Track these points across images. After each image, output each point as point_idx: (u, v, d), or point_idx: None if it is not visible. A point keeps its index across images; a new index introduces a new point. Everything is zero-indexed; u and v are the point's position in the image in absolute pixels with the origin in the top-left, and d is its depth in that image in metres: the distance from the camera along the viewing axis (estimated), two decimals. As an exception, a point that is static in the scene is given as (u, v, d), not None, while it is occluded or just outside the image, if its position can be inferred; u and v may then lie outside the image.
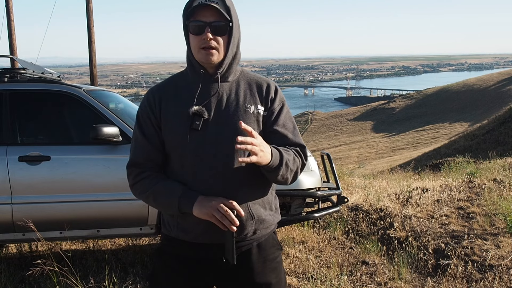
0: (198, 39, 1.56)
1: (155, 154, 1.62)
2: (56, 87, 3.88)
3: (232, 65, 1.63)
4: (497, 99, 58.20)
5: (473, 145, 20.00)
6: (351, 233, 4.87)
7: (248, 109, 1.59)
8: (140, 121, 1.65)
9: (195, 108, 1.56)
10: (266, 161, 1.46)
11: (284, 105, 1.67)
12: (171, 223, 1.65)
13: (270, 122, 1.62)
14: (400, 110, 69.42)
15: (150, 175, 1.61)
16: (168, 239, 1.68)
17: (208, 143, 1.56)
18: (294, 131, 1.66)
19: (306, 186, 3.96)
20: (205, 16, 1.55)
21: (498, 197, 5.41)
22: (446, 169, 9.54)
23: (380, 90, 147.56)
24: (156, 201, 1.59)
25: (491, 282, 3.52)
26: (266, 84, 1.67)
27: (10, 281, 3.60)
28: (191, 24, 1.56)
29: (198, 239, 1.59)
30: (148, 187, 1.59)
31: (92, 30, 13.74)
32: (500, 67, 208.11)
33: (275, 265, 1.68)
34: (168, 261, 1.66)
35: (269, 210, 1.67)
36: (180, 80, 1.67)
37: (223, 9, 1.55)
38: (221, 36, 1.56)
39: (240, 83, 1.65)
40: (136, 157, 1.63)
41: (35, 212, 3.55)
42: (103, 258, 4.03)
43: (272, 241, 1.70)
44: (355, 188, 7.02)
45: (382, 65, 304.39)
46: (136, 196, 1.65)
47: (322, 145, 52.58)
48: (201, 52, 1.57)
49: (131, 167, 1.64)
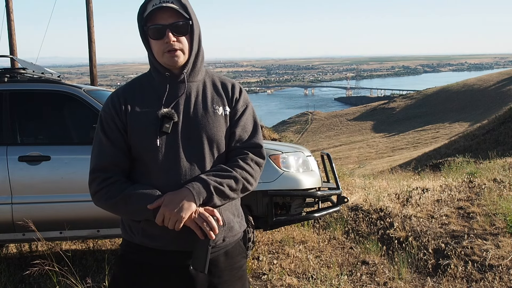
0: (161, 43, 1.52)
1: (121, 158, 1.54)
2: (56, 87, 3.88)
3: (196, 63, 1.60)
4: (497, 99, 58.23)
5: (473, 145, 20.02)
6: (351, 233, 4.87)
7: (217, 110, 1.58)
8: (103, 124, 1.56)
9: (165, 111, 1.52)
10: (190, 209, 1.43)
11: (247, 106, 1.65)
12: (134, 229, 1.56)
13: (232, 123, 1.60)
14: (400, 110, 69.44)
15: (118, 180, 1.52)
16: (130, 245, 1.58)
17: (178, 146, 1.52)
18: (253, 132, 1.63)
19: (306, 186, 3.96)
20: (163, 18, 1.50)
21: (498, 197, 5.41)
22: (446, 169, 9.54)
23: (380, 90, 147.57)
24: (127, 207, 1.49)
25: (491, 282, 3.52)
26: (231, 84, 1.65)
27: (10, 281, 3.60)
28: (151, 29, 1.51)
29: (168, 246, 1.52)
30: (117, 193, 1.49)
31: (92, 30, 13.74)
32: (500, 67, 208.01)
33: (241, 273, 1.64)
34: (131, 269, 1.58)
35: (237, 217, 1.65)
36: (145, 82, 1.62)
37: (180, 8, 1.51)
38: (183, 36, 1.53)
39: (206, 83, 1.62)
40: (101, 161, 1.53)
41: (35, 212, 3.55)
42: (103, 258, 4.03)
43: (239, 248, 1.66)
44: (355, 188, 7.02)
45: (382, 65, 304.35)
46: (100, 203, 1.54)
47: (322, 145, 52.59)
48: (165, 56, 1.53)
49: (95, 173, 1.53)
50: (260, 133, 1.65)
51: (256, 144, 1.61)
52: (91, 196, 1.55)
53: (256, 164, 1.59)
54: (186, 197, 1.44)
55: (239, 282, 1.62)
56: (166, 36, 1.50)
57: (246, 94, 1.68)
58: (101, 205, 1.55)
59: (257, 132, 1.63)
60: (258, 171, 1.60)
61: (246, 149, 1.59)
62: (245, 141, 1.60)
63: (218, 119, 1.57)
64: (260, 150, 1.61)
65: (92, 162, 1.56)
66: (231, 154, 1.59)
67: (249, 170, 1.56)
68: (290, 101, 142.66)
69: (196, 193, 1.45)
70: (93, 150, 1.58)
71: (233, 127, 1.60)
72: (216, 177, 1.50)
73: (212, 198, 1.47)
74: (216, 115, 1.57)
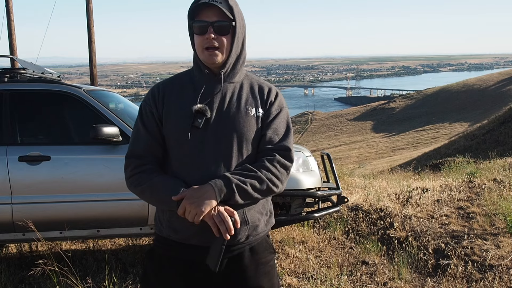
0: (202, 39, 1.56)
1: (155, 147, 1.61)
2: (56, 87, 3.88)
3: (236, 65, 1.63)
4: (497, 99, 58.20)
5: (473, 145, 20.02)
6: (351, 233, 4.87)
7: (249, 111, 1.60)
8: (142, 114, 1.65)
9: (198, 106, 1.56)
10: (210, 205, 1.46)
11: (282, 110, 1.67)
12: (162, 221, 1.63)
13: (265, 125, 1.63)
14: (400, 110, 69.41)
15: (149, 169, 1.59)
16: (159, 239, 1.66)
17: (208, 142, 1.56)
18: (285, 136, 1.65)
19: (306, 186, 3.96)
20: (208, 16, 1.55)
21: (498, 197, 5.41)
22: (446, 169, 9.54)
23: (380, 90, 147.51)
24: (153, 195, 1.56)
25: (491, 282, 3.52)
26: (268, 88, 1.68)
27: (10, 281, 3.60)
28: (195, 24, 1.57)
29: (190, 240, 1.57)
30: (146, 180, 1.56)
31: (92, 30, 13.74)
32: (500, 67, 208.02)
33: (268, 269, 1.66)
34: (160, 263, 1.64)
35: (265, 215, 1.67)
36: (186, 78, 1.68)
37: (226, 8, 1.55)
38: (224, 36, 1.57)
39: (244, 85, 1.65)
40: (136, 148, 1.62)
41: (35, 212, 3.55)
42: (103, 258, 4.03)
43: (266, 244, 1.68)
44: (355, 188, 7.02)
45: (382, 65, 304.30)
46: (131, 188, 1.61)
47: (322, 145, 52.57)
48: (204, 53, 1.57)
49: (130, 158, 1.62)
50: (291, 137, 1.67)
51: (285, 147, 1.63)
52: (126, 180, 1.63)
53: (283, 167, 1.60)
54: (207, 193, 1.48)
55: (265, 278, 1.64)
56: (207, 33, 1.55)
57: (283, 99, 1.71)
58: (132, 190, 1.62)
59: (289, 136, 1.65)
60: (285, 173, 1.61)
61: (274, 151, 1.61)
62: (275, 143, 1.62)
63: (249, 119, 1.60)
64: (289, 153, 1.63)
65: (128, 148, 1.65)
66: (259, 156, 1.61)
67: (275, 171, 1.57)
68: (290, 101, 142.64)
69: (218, 189, 1.48)
70: (131, 136, 1.67)
71: (264, 129, 1.62)
72: (240, 176, 1.52)
73: (233, 196, 1.50)
74: (247, 116, 1.60)
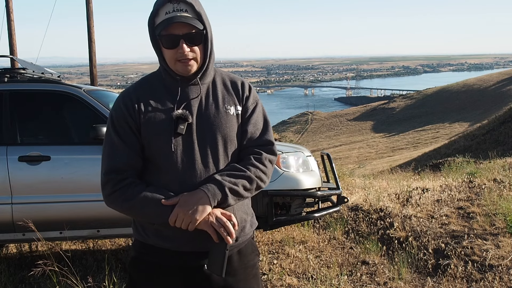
0: (173, 52, 1.49)
1: (136, 159, 1.52)
2: (56, 87, 3.88)
3: (208, 66, 1.59)
4: (497, 99, 58.21)
5: (473, 145, 20.02)
6: (351, 233, 4.87)
7: (229, 110, 1.58)
8: (115, 125, 1.53)
9: (179, 112, 1.51)
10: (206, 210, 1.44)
11: (257, 104, 1.65)
12: (147, 230, 1.55)
13: (243, 121, 1.61)
14: (400, 110, 69.43)
15: (133, 182, 1.49)
16: (144, 246, 1.57)
17: (194, 147, 1.52)
18: (264, 129, 1.63)
19: (306, 186, 3.96)
20: (177, 28, 1.47)
21: (498, 197, 5.40)
22: (446, 169, 9.54)
23: (380, 90, 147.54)
24: (143, 210, 1.46)
25: (491, 282, 3.52)
26: (241, 82, 1.65)
27: (10, 281, 3.60)
28: (163, 38, 1.49)
29: (182, 247, 1.52)
30: (133, 195, 1.47)
31: (92, 30, 13.73)
32: (500, 67, 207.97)
33: (255, 272, 1.65)
34: (151, 271, 1.57)
35: (249, 215, 1.66)
36: (156, 82, 1.60)
37: (195, 16, 1.49)
38: (197, 45, 1.51)
39: (216, 83, 1.62)
40: (115, 163, 1.50)
41: (35, 212, 3.55)
42: (103, 258, 4.03)
43: (252, 246, 1.67)
44: (355, 188, 7.02)
45: (382, 65, 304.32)
46: (115, 205, 1.50)
47: (322, 145, 52.59)
48: (177, 64, 1.51)
49: (109, 174, 1.49)
50: (270, 129, 1.66)
51: (268, 141, 1.62)
52: (104, 198, 1.52)
53: (269, 162, 1.60)
54: (201, 199, 1.44)
55: (253, 280, 1.64)
56: (179, 47, 1.48)
57: (255, 91, 1.69)
58: (115, 207, 1.51)
59: (268, 129, 1.65)
60: (271, 168, 1.61)
61: (258, 147, 1.60)
62: (257, 138, 1.61)
63: (230, 119, 1.57)
64: (272, 147, 1.63)
65: (104, 163, 1.52)
66: (244, 153, 1.59)
67: (263, 168, 1.57)
68: (290, 101, 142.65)
69: (211, 195, 1.46)
70: (104, 151, 1.54)
71: (244, 125, 1.60)
72: (230, 177, 1.50)
73: (227, 199, 1.48)
74: (228, 115, 1.57)
